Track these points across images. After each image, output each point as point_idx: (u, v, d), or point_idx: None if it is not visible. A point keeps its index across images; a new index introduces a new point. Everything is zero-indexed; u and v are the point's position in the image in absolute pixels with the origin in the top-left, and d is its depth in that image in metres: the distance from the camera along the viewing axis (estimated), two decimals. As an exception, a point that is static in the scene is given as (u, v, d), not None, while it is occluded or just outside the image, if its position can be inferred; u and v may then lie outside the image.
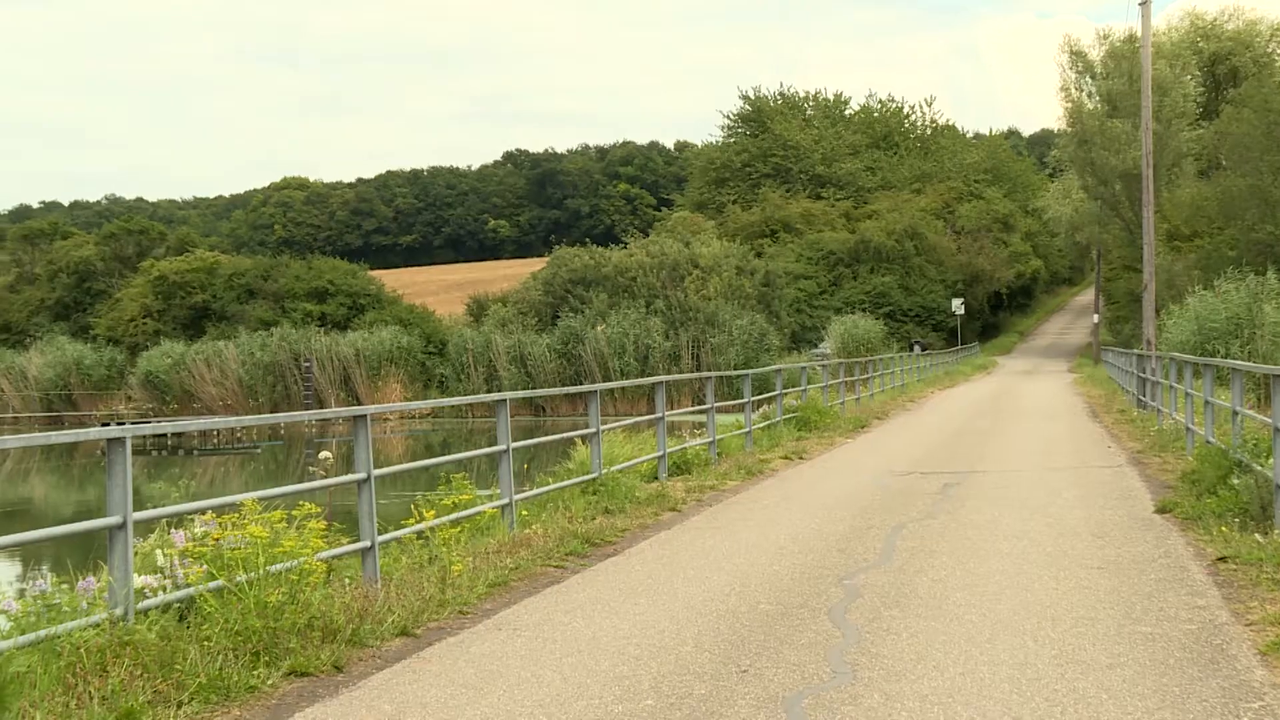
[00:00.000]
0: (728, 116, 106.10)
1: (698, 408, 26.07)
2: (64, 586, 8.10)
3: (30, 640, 6.89)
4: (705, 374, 22.08)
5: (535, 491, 14.81)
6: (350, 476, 10.35)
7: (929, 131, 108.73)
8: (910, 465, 19.69)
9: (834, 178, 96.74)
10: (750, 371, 26.03)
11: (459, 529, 12.22)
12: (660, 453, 18.54)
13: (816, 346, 66.26)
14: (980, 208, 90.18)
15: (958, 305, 76.88)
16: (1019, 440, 24.17)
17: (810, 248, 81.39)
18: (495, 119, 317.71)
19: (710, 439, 21.24)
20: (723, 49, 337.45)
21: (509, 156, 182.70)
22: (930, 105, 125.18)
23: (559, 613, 9.36)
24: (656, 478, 18.04)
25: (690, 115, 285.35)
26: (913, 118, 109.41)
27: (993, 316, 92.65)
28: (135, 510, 7.74)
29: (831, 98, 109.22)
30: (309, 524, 9.56)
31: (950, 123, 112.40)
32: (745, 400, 24.12)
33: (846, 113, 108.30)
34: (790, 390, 30.24)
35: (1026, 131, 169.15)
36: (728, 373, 27.55)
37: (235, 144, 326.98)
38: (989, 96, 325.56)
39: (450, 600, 9.54)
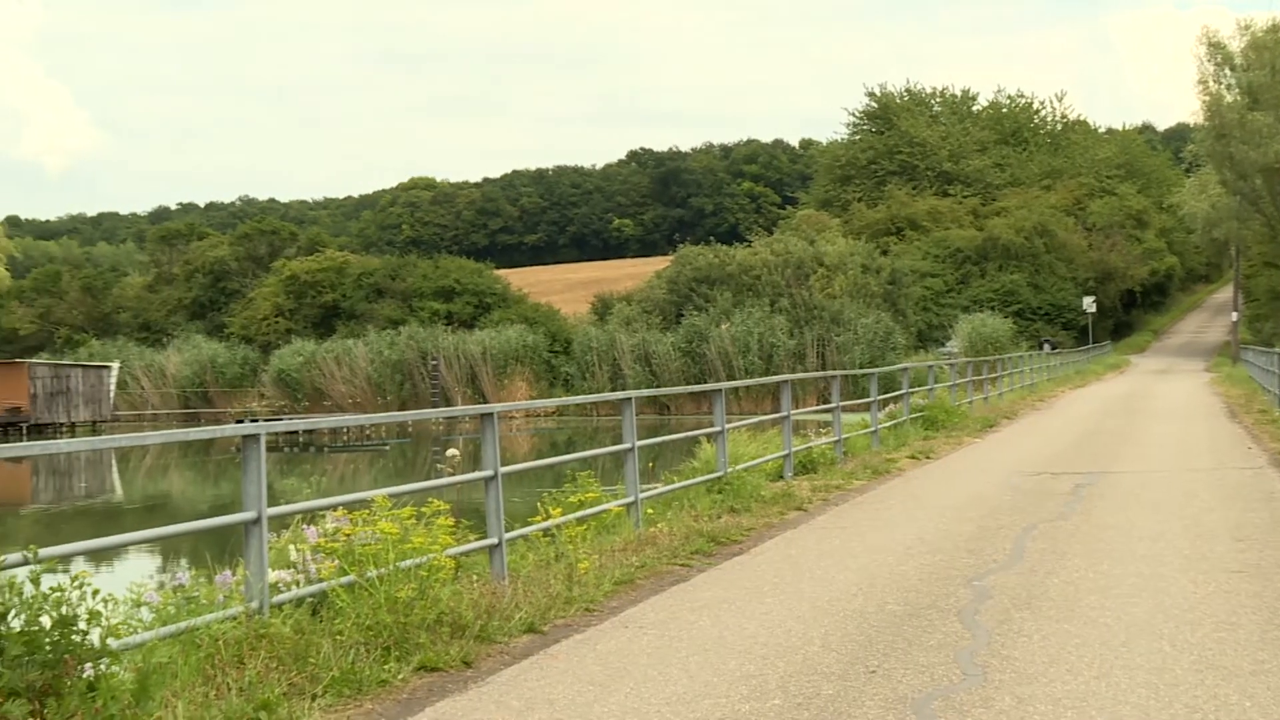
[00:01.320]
0: (853, 113, 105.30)
1: (823, 407, 25.94)
2: (202, 580, 8.28)
3: (171, 632, 7.04)
4: (831, 373, 21.95)
5: (661, 490, 14.81)
6: (478, 474, 10.43)
7: (1059, 127, 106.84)
8: (1041, 465, 19.36)
9: (961, 174, 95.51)
10: (876, 370, 25.82)
11: (585, 527, 12.26)
12: (786, 451, 18.45)
13: (943, 345, 65.50)
14: (1113, 204, 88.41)
15: (1089, 303, 75.43)
16: (1154, 441, 23.65)
17: (937, 245, 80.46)
18: (620, 118, 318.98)
19: (836, 438, 21.10)
20: (847, 46, 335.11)
21: (633, 155, 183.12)
22: (1061, 100, 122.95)
23: (685, 611, 9.35)
24: (782, 477, 17.95)
25: (815, 113, 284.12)
26: (1042, 113, 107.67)
27: (1125, 315, 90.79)
28: (269, 506, 7.88)
29: (959, 94, 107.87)
30: (438, 520, 9.66)
31: (1081, 117, 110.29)
32: (871, 399, 23.92)
33: (974, 109, 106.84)
34: (917, 389, 29.93)
35: (1161, 126, 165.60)
36: (853, 371, 27.37)
37: (364, 145, 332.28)
38: (1122, 90, 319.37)
39: (577, 598, 9.57)
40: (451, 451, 13.35)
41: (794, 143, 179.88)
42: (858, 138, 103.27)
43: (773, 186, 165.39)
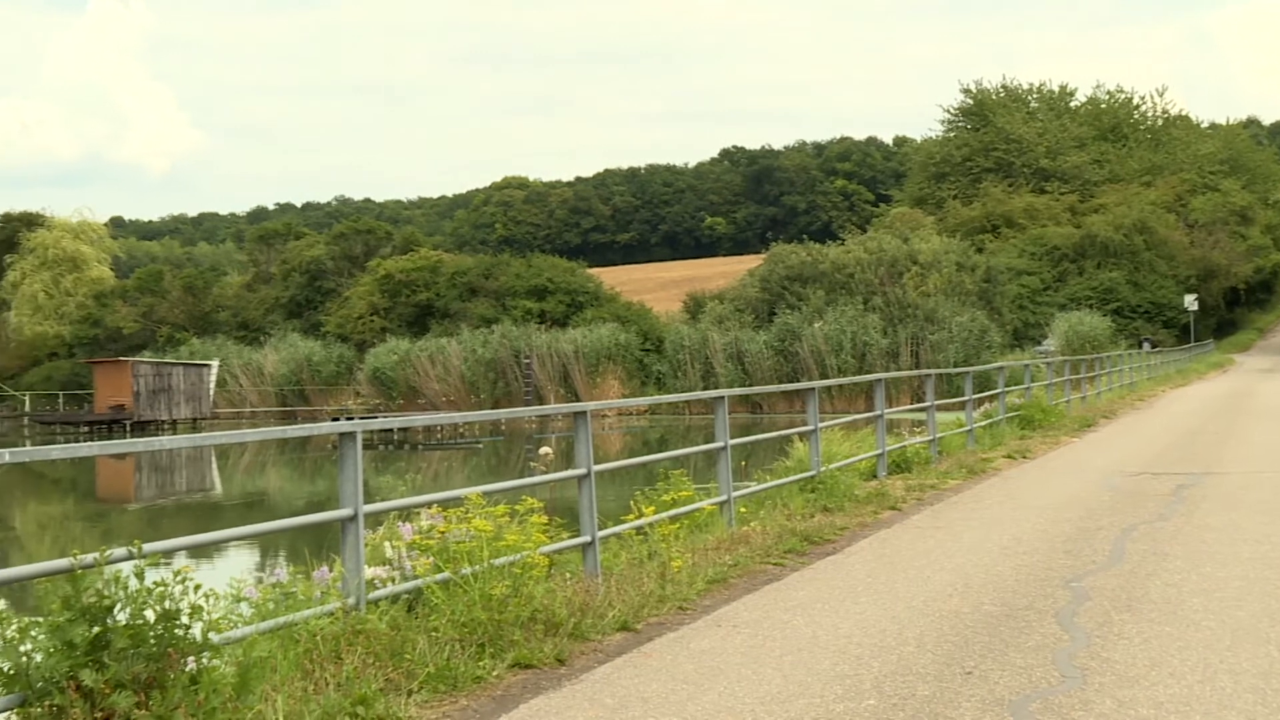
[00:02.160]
0: (948, 110, 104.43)
1: (917, 405, 25.69)
2: (300, 576, 8.38)
3: (271, 627, 7.14)
4: (925, 371, 21.76)
5: (754, 488, 14.78)
6: (571, 472, 10.46)
7: (1160, 122, 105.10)
8: (1141, 466, 19.05)
9: (1058, 171, 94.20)
10: (972, 369, 25.57)
11: (678, 525, 12.26)
12: (879, 450, 18.33)
13: (1040, 344, 64.69)
14: (1215, 200, 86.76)
15: (1190, 301, 74.07)
16: (1259, 441, 23.17)
17: (1033, 243, 79.44)
18: (712, 116, 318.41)
19: (931, 437, 20.92)
20: (941, 42, 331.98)
21: (726, 154, 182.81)
22: (1162, 95, 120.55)
23: (778, 610, 9.31)
24: (875, 476, 17.84)
25: (909, 110, 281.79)
26: (1142, 108, 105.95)
27: (1229, 313, 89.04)
28: (365, 503, 7.96)
29: (1056, 89, 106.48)
30: (531, 518, 9.70)
31: (1183, 112, 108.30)
32: (966, 398, 23.70)
33: (1072, 104, 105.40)
34: (1013, 388, 29.59)
35: (1267, 120, 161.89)
36: (948, 370, 27.10)
37: (458, 145, 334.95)
38: (1226, 85, 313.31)
39: (670, 596, 9.57)
40: (545, 450, 13.31)
41: (888, 140, 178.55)
42: (953, 134, 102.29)
43: (866, 184, 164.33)
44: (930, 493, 16.56)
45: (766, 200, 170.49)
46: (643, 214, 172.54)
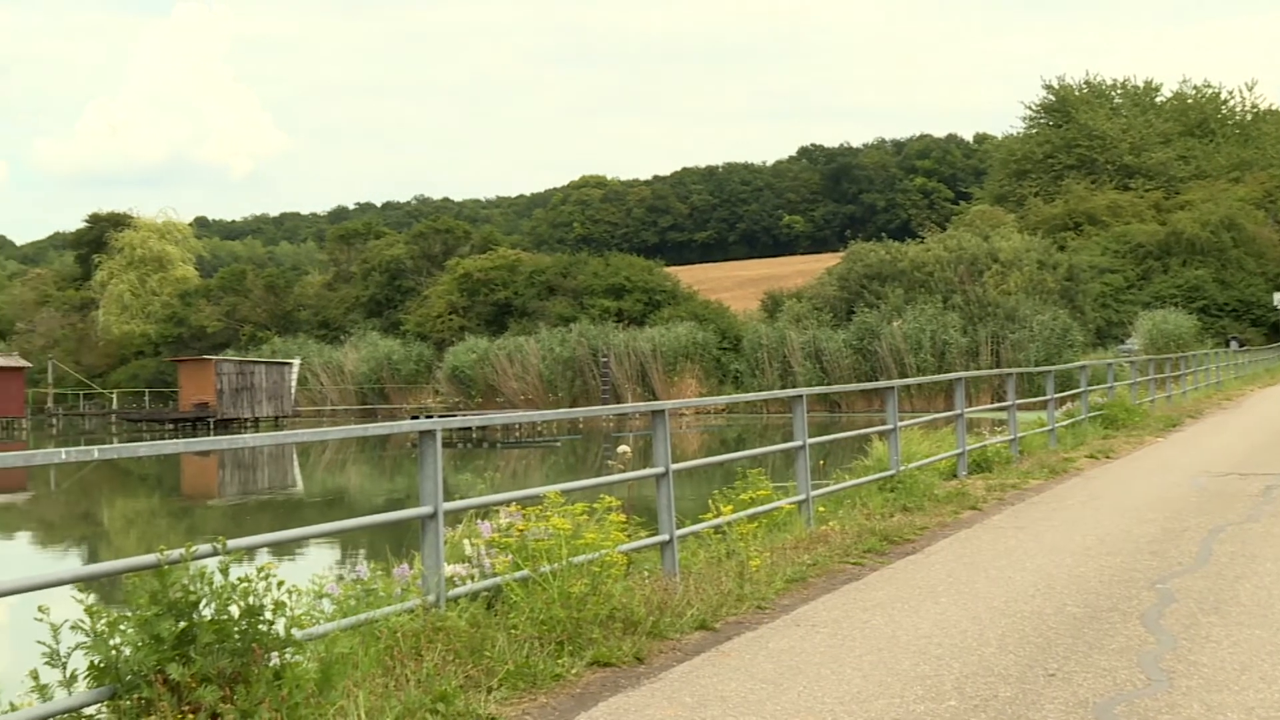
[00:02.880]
0: (1029, 107, 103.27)
1: (997, 405, 25.46)
2: (380, 573, 8.45)
3: (352, 623, 7.20)
4: (1006, 370, 21.57)
5: (832, 488, 14.71)
6: (649, 470, 10.47)
7: (1249, 117, 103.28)
8: (1228, 466, 18.74)
9: (1143, 168, 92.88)
10: (1053, 368, 25.31)
11: (756, 524, 12.23)
12: (960, 450, 18.19)
13: (1123, 342, 63.88)
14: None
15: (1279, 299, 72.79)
16: (1348, 441, 22.72)
17: (1117, 240, 78.40)
18: (790, 114, 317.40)
19: (1011, 436, 20.72)
20: (1022, 37, 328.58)
21: (804, 152, 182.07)
22: (1251, 89, 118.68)
23: (858, 610, 9.26)
24: (955, 475, 17.71)
25: (990, 106, 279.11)
26: (1230, 103, 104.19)
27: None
28: (445, 501, 8.00)
29: (1141, 85, 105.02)
30: (609, 517, 9.72)
31: (1273, 107, 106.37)
32: (1048, 397, 23.45)
33: (1157, 100, 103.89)
34: (1096, 387, 29.24)
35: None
36: (1030, 369, 26.80)
37: (536, 144, 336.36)
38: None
39: (748, 595, 9.55)
40: (623, 448, 13.30)
41: (968, 137, 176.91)
42: (1034, 131, 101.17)
43: (946, 182, 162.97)
44: (1011, 492, 16.40)
45: (845, 198, 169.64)
46: (720, 212, 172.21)
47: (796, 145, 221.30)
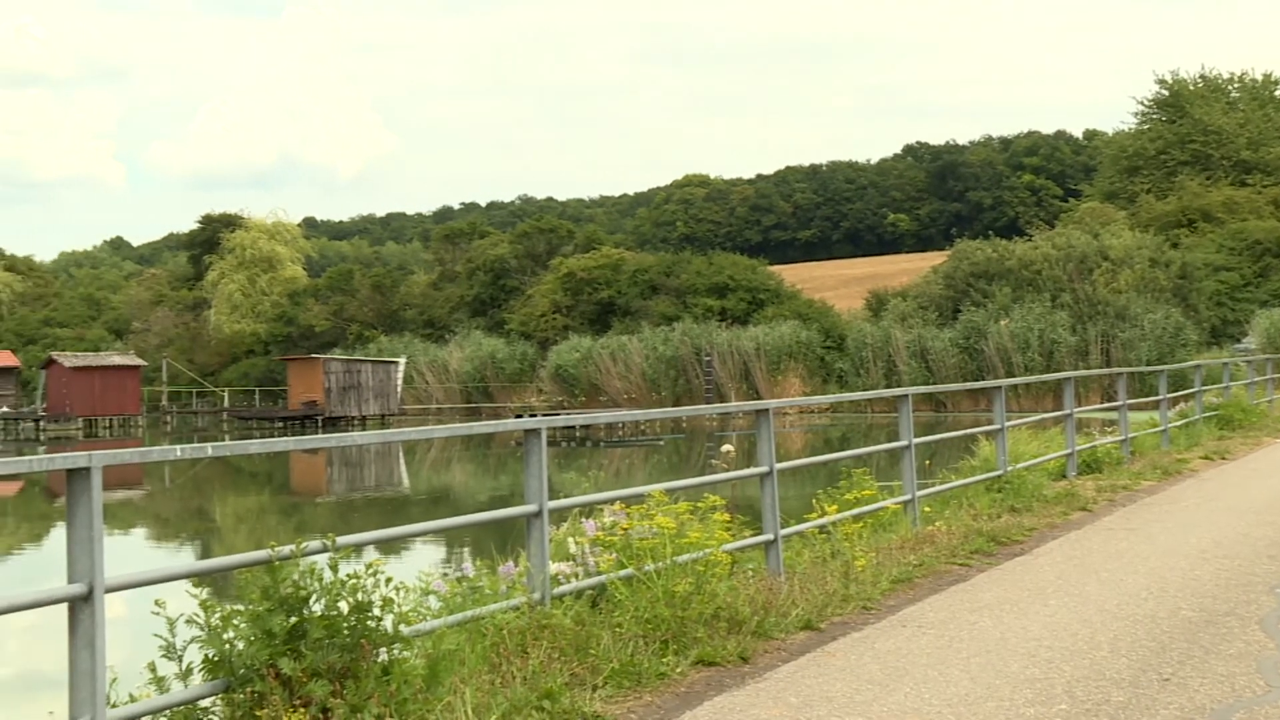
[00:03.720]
0: (1141, 102, 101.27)
1: (1108, 405, 25.07)
2: (485, 570, 8.51)
3: (458, 620, 7.26)
4: (1116, 370, 21.23)
5: (938, 488, 14.59)
6: (753, 470, 10.45)
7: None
8: (1347, 468, 18.29)
9: (1261, 163, 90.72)
10: (1166, 367, 24.86)
11: (860, 524, 12.15)
12: (1069, 450, 17.94)
13: (1239, 341, 62.52)
14: None
15: None
16: None
17: (1233, 237, 76.67)
18: (895, 111, 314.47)
19: (1123, 437, 20.39)
20: (1133, 31, 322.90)
21: (909, 149, 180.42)
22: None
23: (965, 611, 9.16)
24: (1064, 476, 17.47)
25: (1099, 102, 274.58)
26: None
27: None
28: (549, 499, 8.04)
29: (1259, 78, 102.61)
30: (713, 516, 9.70)
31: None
32: (1160, 397, 23.04)
33: (1277, 93, 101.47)
34: (1210, 387, 28.66)
35: None
36: (1141, 368, 26.36)
37: (639, 143, 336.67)
38: None
39: (854, 595, 9.49)
40: (726, 447, 13.26)
41: (1077, 133, 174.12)
42: (1146, 127, 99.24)
43: (1054, 179, 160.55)
44: (1122, 494, 16.14)
45: (950, 196, 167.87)
46: (824, 211, 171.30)
47: (901, 143, 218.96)
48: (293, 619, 5.86)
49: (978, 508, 13.96)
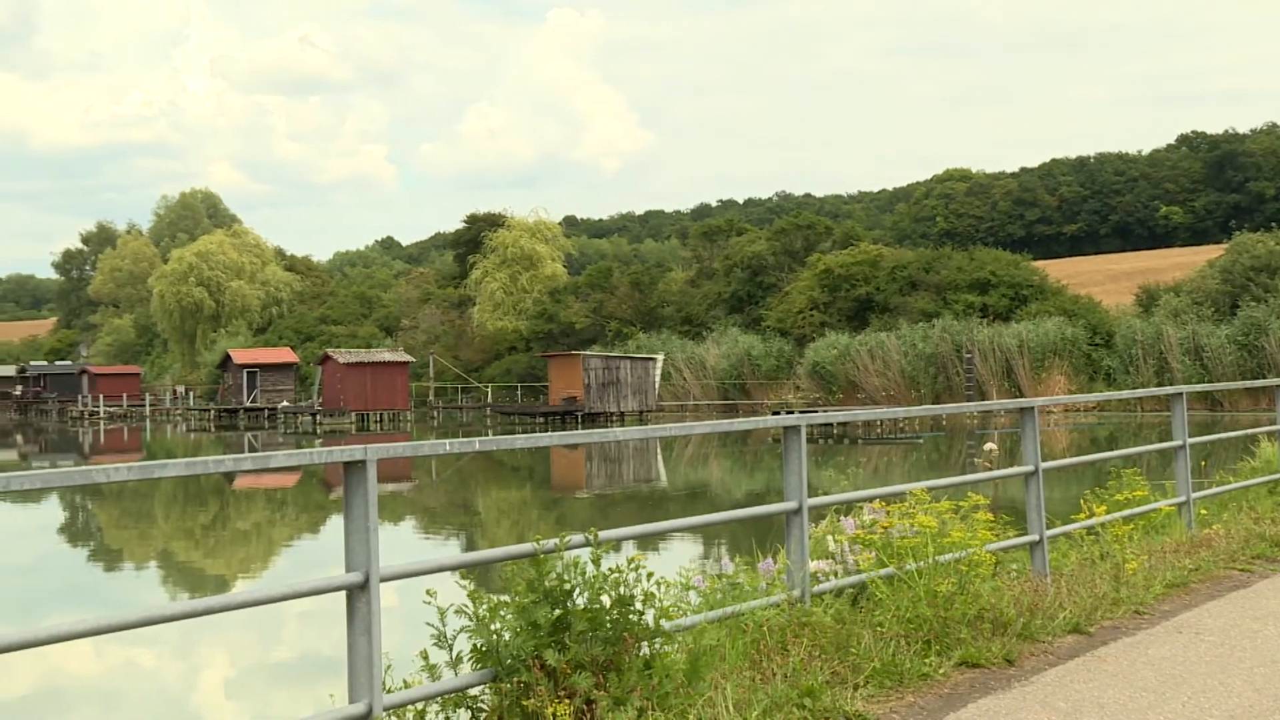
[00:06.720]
0: None
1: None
2: (743, 567, 8.52)
3: (718, 616, 7.28)
4: None
5: (1215, 490, 13.99)
6: (1018, 469, 10.21)
7: None
8: None
9: None
10: None
11: (1130, 526, 11.74)
12: (1359, 452, 16.96)
13: None
14: None
15: None
16: None
17: None
18: (1168, 100, 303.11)
19: None
20: None
21: (1183, 139, 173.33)
22: None
23: (1246, 619, 8.74)
24: (1356, 480, 16.52)
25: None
26: None
27: None
28: (808, 497, 8.00)
29: None
30: (976, 515, 9.51)
31: None
32: None
33: None
34: None
35: None
36: None
37: (897, 138, 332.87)
38: None
39: (1125, 599, 9.16)
40: (989, 446, 13.02)
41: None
42: None
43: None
44: None
45: (1229, 187, 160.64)
46: (1091, 204, 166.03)
47: (1175, 133, 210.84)
48: (557, 611, 5.97)
49: (1259, 511, 13.34)
